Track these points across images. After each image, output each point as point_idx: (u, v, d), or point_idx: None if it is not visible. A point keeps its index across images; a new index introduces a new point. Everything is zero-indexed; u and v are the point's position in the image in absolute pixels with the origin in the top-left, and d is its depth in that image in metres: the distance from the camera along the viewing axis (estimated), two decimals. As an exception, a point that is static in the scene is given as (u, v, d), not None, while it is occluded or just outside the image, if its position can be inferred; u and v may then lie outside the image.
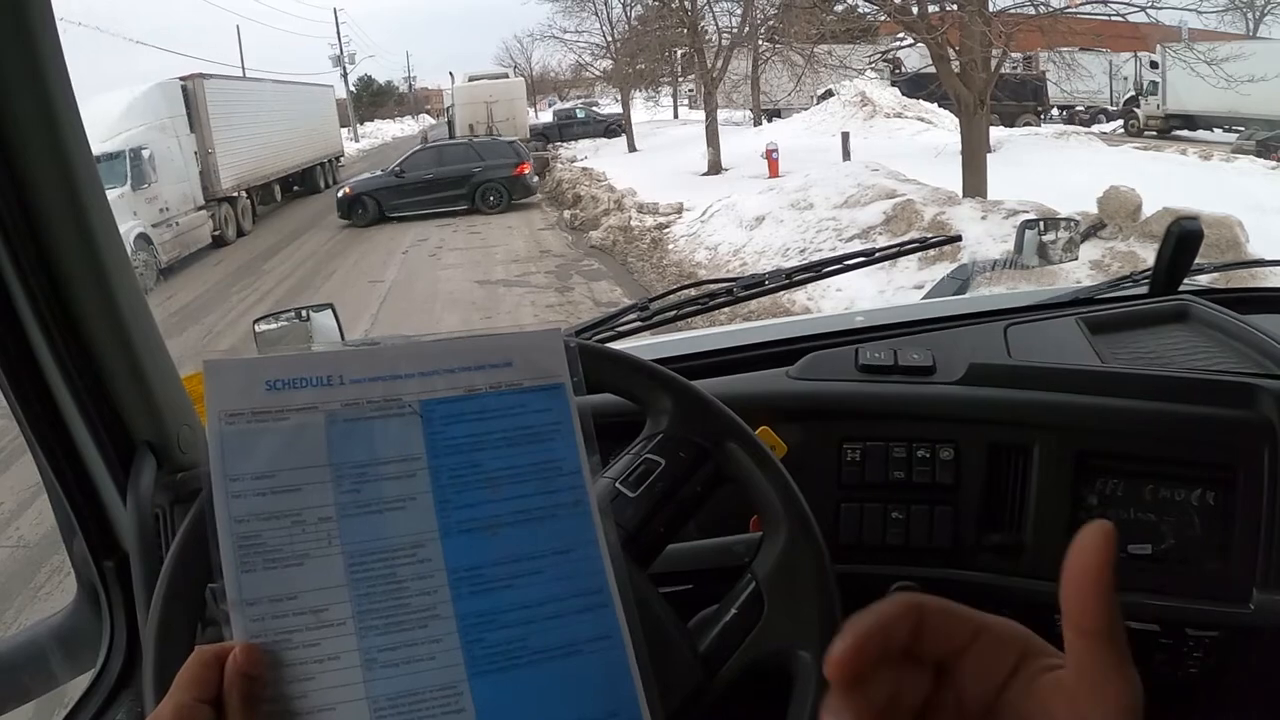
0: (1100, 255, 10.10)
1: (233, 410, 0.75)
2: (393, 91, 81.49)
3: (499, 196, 22.36)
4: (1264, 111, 22.06)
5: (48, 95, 1.19)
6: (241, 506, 0.73)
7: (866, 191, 14.02)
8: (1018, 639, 0.58)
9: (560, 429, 0.81)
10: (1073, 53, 20.48)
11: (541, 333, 0.84)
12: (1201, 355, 1.67)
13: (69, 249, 1.25)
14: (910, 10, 15.68)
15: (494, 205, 22.15)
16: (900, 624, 0.56)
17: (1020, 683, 0.56)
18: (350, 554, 0.73)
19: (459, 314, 12.37)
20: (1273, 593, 1.42)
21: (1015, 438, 1.53)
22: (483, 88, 32.29)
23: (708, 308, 1.87)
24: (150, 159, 17.88)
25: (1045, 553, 1.49)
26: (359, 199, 22.08)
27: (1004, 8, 16.20)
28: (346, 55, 60.41)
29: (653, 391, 1.15)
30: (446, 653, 0.73)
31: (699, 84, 28.24)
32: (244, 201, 22.49)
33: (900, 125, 27.02)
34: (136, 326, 1.35)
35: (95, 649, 1.44)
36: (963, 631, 0.57)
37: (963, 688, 0.57)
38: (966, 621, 0.58)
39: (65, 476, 1.37)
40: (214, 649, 0.70)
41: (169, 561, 0.95)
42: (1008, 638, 0.58)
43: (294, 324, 1.86)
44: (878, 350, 1.66)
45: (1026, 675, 0.56)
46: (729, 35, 26.74)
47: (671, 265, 14.31)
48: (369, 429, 0.77)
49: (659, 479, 1.08)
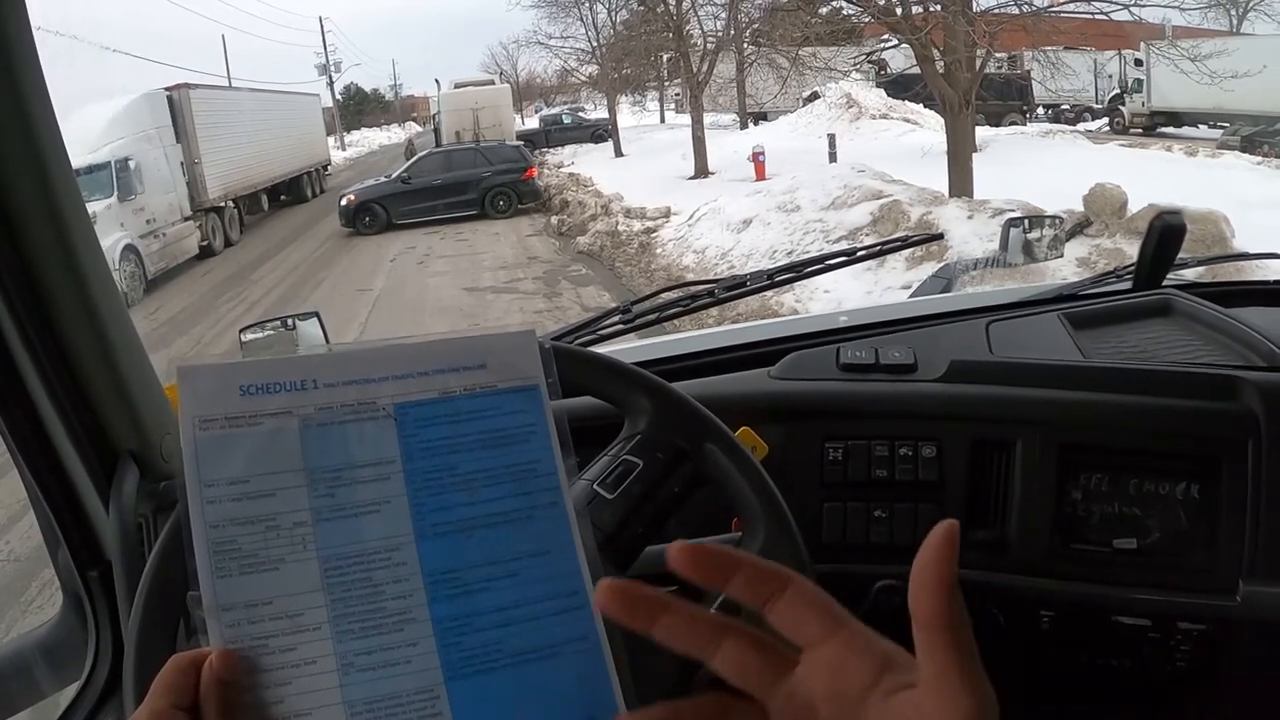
0: (1086, 252, 10.14)
1: (206, 416, 0.74)
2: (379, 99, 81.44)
3: (508, 201, 22.34)
4: (1248, 107, 22.13)
5: (24, 106, 1.19)
6: (216, 512, 0.72)
7: (853, 193, 14.05)
8: (882, 650, 0.60)
9: (535, 431, 0.81)
10: (1057, 51, 20.48)
11: (515, 334, 0.84)
12: (1184, 349, 1.67)
13: (49, 259, 1.25)
14: (894, 11, 15.71)
15: (503, 210, 22.12)
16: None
17: (878, 695, 0.58)
18: (326, 558, 0.73)
19: (447, 321, 12.36)
20: (1260, 584, 1.43)
21: (998, 434, 1.53)
22: (469, 94, 32.18)
23: (690, 309, 1.87)
24: (136, 170, 17.82)
25: (1029, 549, 1.49)
26: (365, 206, 22.00)
27: (987, 8, 16.22)
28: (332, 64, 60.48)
29: (630, 393, 1.15)
30: (423, 656, 0.72)
31: (685, 88, 28.23)
32: (231, 211, 22.46)
33: (886, 126, 27.06)
34: (118, 336, 1.35)
35: (81, 659, 1.44)
36: (827, 623, 0.61)
37: (817, 710, 0.60)
38: (833, 614, 0.61)
39: (49, 487, 1.37)
40: (190, 655, 0.70)
41: (148, 569, 0.95)
42: (873, 647, 0.60)
43: (280, 332, 1.85)
44: (859, 349, 1.66)
45: (885, 688, 0.58)
46: (714, 39, 26.77)
47: (659, 269, 14.32)
48: (343, 433, 0.76)
49: (637, 480, 1.08)
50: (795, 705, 0.61)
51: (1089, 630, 1.50)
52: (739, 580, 0.63)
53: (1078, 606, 1.49)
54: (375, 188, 22.80)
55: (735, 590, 0.63)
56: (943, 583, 0.57)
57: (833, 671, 0.59)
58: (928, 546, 0.58)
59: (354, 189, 23.14)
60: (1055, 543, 1.50)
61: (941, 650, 0.56)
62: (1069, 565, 1.50)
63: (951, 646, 0.56)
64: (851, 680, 0.59)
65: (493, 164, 22.74)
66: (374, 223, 21.67)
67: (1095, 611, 1.48)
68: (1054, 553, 1.50)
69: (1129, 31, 22.70)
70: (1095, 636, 1.50)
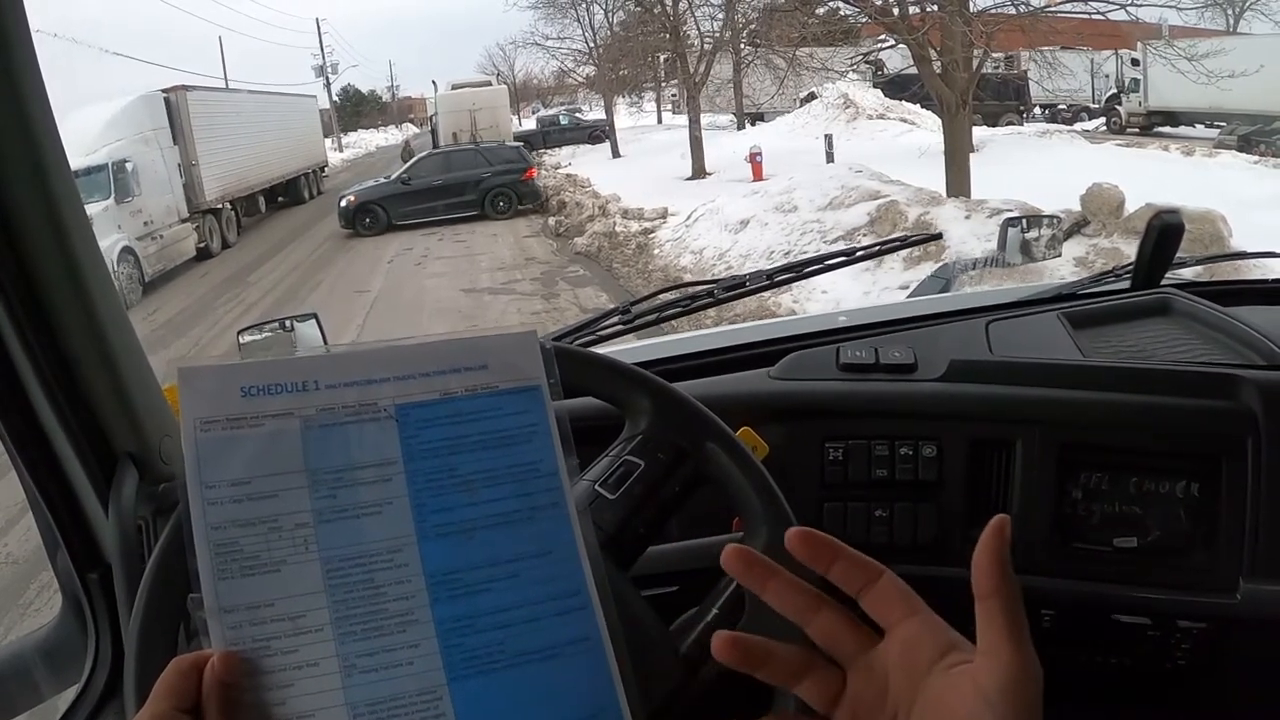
0: (1084, 252, 10.14)
1: (207, 417, 0.74)
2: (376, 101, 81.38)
3: (508, 202, 22.31)
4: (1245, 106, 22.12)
5: (23, 108, 1.18)
6: (217, 514, 0.72)
7: (850, 193, 14.04)
8: (948, 634, 0.70)
9: (537, 431, 0.81)
10: (1054, 51, 20.49)
11: (517, 335, 0.84)
12: (1183, 348, 1.67)
13: (47, 260, 1.24)
14: (891, 12, 15.71)
15: (503, 211, 22.08)
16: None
17: (939, 669, 0.68)
18: (327, 560, 0.73)
19: (445, 322, 12.35)
20: (1259, 582, 1.43)
21: (998, 433, 1.53)
22: (466, 96, 32.15)
23: (689, 310, 1.87)
24: (134, 172, 17.79)
25: (1030, 548, 1.49)
26: (365, 207, 21.97)
27: (985, 8, 16.21)
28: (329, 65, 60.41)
29: (630, 393, 1.15)
30: (425, 657, 0.72)
31: (682, 89, 28.22)
32: (228, 213, 22.42)
33: (883, 127, 27.03)
34: (116, 337, 1.35)
35: (81, 662, 1.43)
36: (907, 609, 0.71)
37: (890, 678, 0.70)
38: (912, 602, 0.71)
39: (47, 489, 1.36)
40: (192, 657, 0.70)
41: (149, 571, 0.94)
42: (942, 631, 0.70)
43: (278, 334, 1.85)
44: (859, 349, 1.66)
45: (948, 663, 0.68)
46: (711, 39, 26.76)
47: (657, 270, 14.31)
48: (344, 434, 0.76)
49: (638, 480, 1.08)
50: (872, 674, 0.71)
51: (1090, 629, 1.50)
52: (840, 567, 0.72)
53: (1078, 605, 1.49)
54: (375, 189, 22.76)
55: (836, 575, 0.72)
56: (996, 560, 0.65)
57: (907, 647, 0.69)
58: (983, 536, 0.66)
59: (354, 190, 23.12)
60: (1055, 541, 1.50)
61: (998, 617, 0.65)
62: (1069, 564, 1.50)
63: (1006, 613, 0.65)
64: (922, 655, 0.68)
65: (493, 165, 22.69)
66: (375, 224, 21.64)
67: (1096, 610, 1.49)
68: (1054, 551, 1.50)
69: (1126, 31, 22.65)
70: (1096, 635, 1.50)
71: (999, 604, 0.65)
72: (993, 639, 0.65)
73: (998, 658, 0.64)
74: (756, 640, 0.73)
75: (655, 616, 1.02)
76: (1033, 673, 0.64)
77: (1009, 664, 0.64)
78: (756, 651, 0.73)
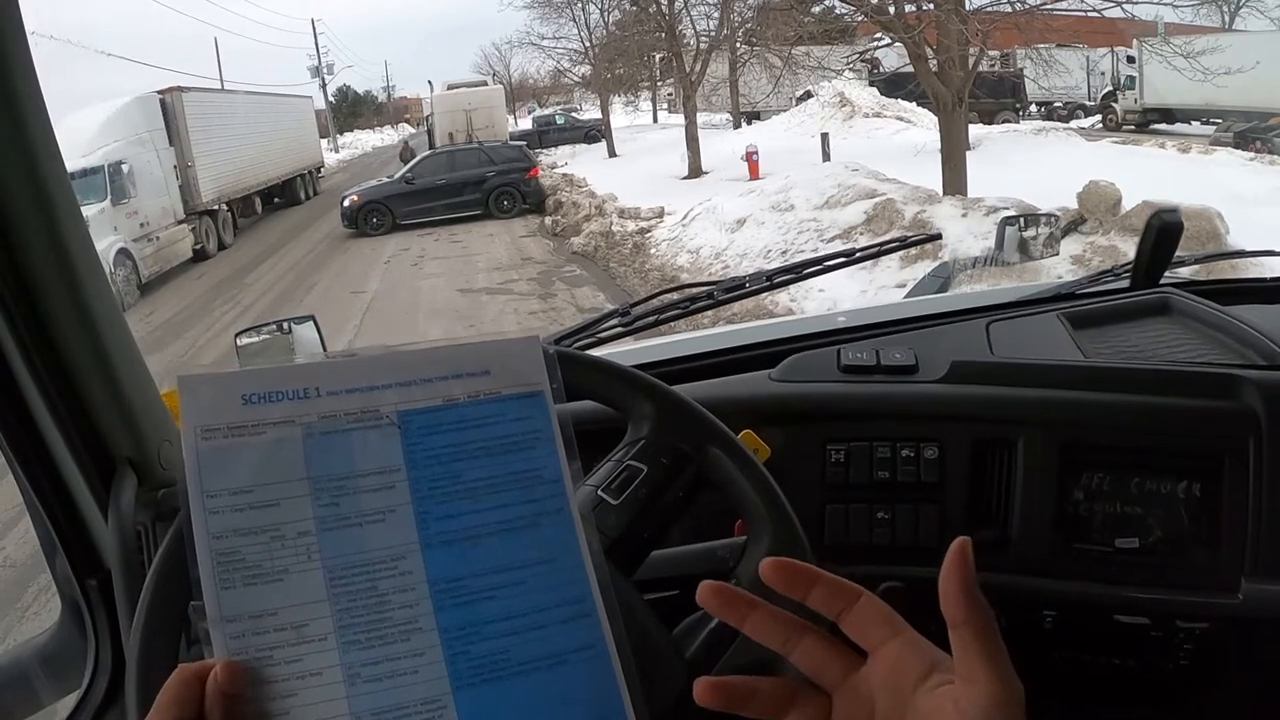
0: (1081, 250, 10.15)
1: (208, 425, 0.74)
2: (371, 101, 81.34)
3: (512, 201, 22.25)
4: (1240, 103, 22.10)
5: (19, 110, 1.18)
6: (219, 522, 0.72)
7: (847, 192, 14.04)
8: (931, 653, 0.70)
9: (540, 437, 0.81)
10: (1050, 49, 20.48)
11: (519, 340, 0.84)
12: (1184, 347, 1.67)
13: (44, 265, 1.24)
14: (887, 10, 15.71)
15: (507, 210, 22.01)
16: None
17: (924, 691, 0.68)
18: (330, 568, 0.72)
19: (443, 323, 12.33)
20: (1261, 582, 1.43)
21: (999, 434, 1.53)
22: (462, 96, 32.09)
23: (689, 311, 1.87)
24: (129, 174, 17.75)
25: (1031, 549, 1.49)
26: (368, 207, 21.89)
27: (980, 6, 16.20)
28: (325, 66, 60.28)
29: (633, 397, 1.14)
30: (430, 666, 0.72)
31: (678, 88, 28.21)
32: (224, 214, 22.36)
33: (879, 125, 27.04)
34: (114, 342, 1.34)
35: (80, 668, 1.43)
36: (889, 630, 0.71)
37: (875, 701, 0.70)
38: (894, 622, 0.71)
39: (46, 494, 1.36)
40: (195, 667, 0.69)
41: (150, 580, 0.94)
42: (924, 649, 0.70)
43: (276, 336, 1.85)
44: (860, 350, 1.66)
45: (931, 683, 0.68)
46: (707, 38, 26.75)
47: (654, 270, 14.30)
48: (347, 441, 0.76)
49: (641, 485, 1.08)
50: (857, 697, 0.71)
51: (1091, 629, 1.49)
52: (818, 593, 0.72)
53: (1080, 606, 1.49)
54: (378, 188, 22.70)
55: (814, 601, 0.72)
56: (962, 587, 0.66)
57: (891, 668, 0.70)
58: (946, 561, 0.67)
59: (356, 189, 23.05)
60: (1057, 542, 1.50)
61: (972, 643, 0.65)
62: (1071, 565, 1.50)
63: (978, 640, 0.65)
64: (905, 675, 0.69)
65: (496, 164, 22.65)
66: (380, 224, 21.58)
67: (1097, 610, 1.48)
68: (1056, 552, 1.50)
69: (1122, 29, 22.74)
70: (1098, 636, 1.50)
71: (971, 631, 0.66)
72: (969, 666, 0.66)
73: (976, 684, 0.65)
74: (738, 680, 0.74)
75: (660, 623, 1.02)
76: (1013, 693, 0.65)
77: (987, 690, 0.64)
78: (741, 690, 0.73)
